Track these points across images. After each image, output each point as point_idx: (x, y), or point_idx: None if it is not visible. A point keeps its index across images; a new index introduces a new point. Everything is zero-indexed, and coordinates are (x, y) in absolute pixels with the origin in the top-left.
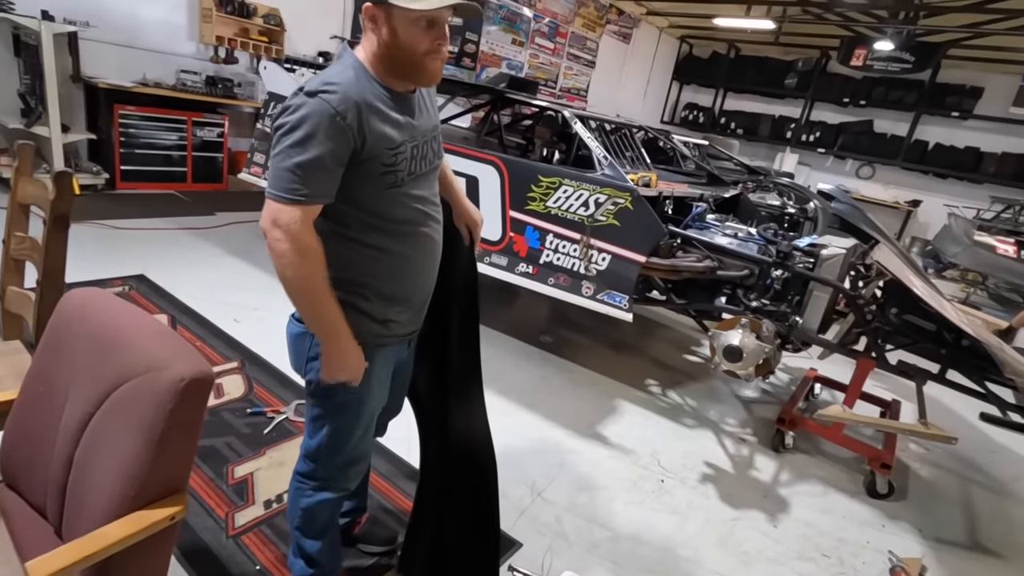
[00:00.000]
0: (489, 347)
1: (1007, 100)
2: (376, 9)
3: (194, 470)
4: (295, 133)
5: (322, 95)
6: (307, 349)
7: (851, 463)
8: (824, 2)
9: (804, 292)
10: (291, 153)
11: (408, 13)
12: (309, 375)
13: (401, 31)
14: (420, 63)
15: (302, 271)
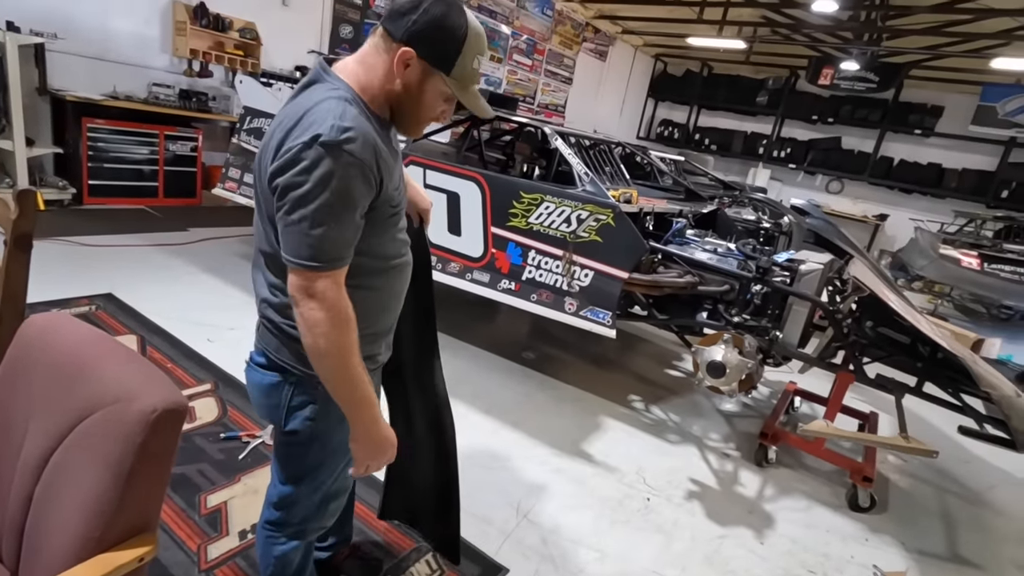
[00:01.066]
0: (471, 364)
1: (966, 119)
2: (418, 61)
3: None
4: (322, 195)
5: (345, 147)
6: (287, 399)
7: (833, 476)
8: (791, 23)
9: (783, 307)
10: (319, 218)
11: (449, 88)
12: (292, 425)
13: (428, 90)
14: (422, 121)
15: (340, 341)
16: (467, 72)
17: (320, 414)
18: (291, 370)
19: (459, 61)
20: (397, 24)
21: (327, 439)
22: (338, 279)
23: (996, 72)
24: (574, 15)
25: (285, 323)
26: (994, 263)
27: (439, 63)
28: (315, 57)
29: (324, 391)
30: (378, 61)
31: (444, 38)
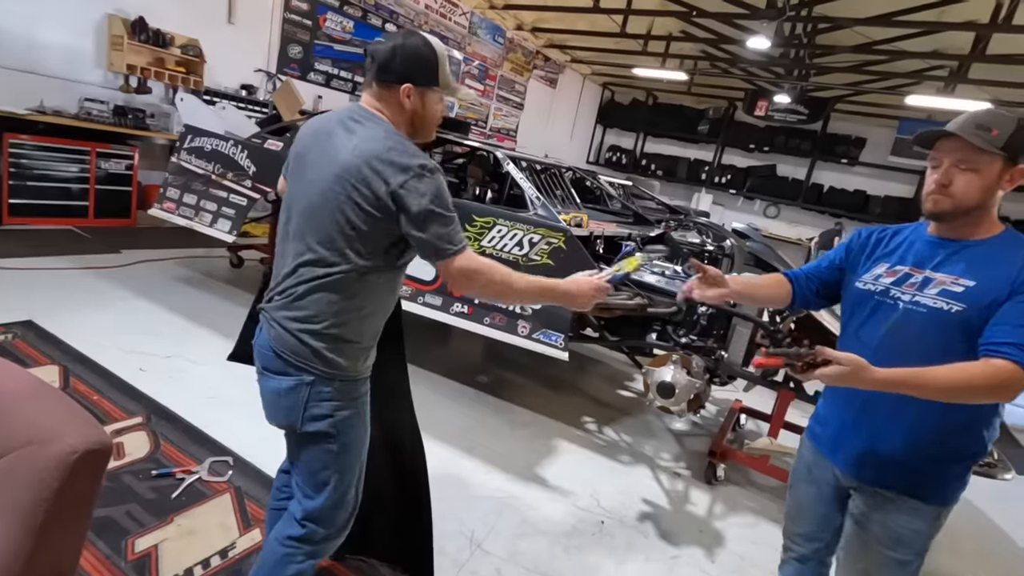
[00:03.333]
0: (424, 390)
1: (886, 149)
2: (415, 89)
3: (84, 548)
4: (445, 203)
5: (438, 170)
6: (305, 399)
7: (778, 491)
8: (729, 58)
9: (728, 327)
10: (449, 217)
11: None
12: (310, 424)
13: (430, 104)
14: (434, 126)
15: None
16: (448, 78)
17: (335, 410)
18: (308, 369)
19: (440, 74)
20: (388, 75)
21: (345, 435)
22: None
23: (910, 108)
24: (525, 43)
25: (310, 325)
26: None
27: (429, 83)
28: (263, 76)
29: (339, 386)
30: (390, 104)
31: (424, 65)
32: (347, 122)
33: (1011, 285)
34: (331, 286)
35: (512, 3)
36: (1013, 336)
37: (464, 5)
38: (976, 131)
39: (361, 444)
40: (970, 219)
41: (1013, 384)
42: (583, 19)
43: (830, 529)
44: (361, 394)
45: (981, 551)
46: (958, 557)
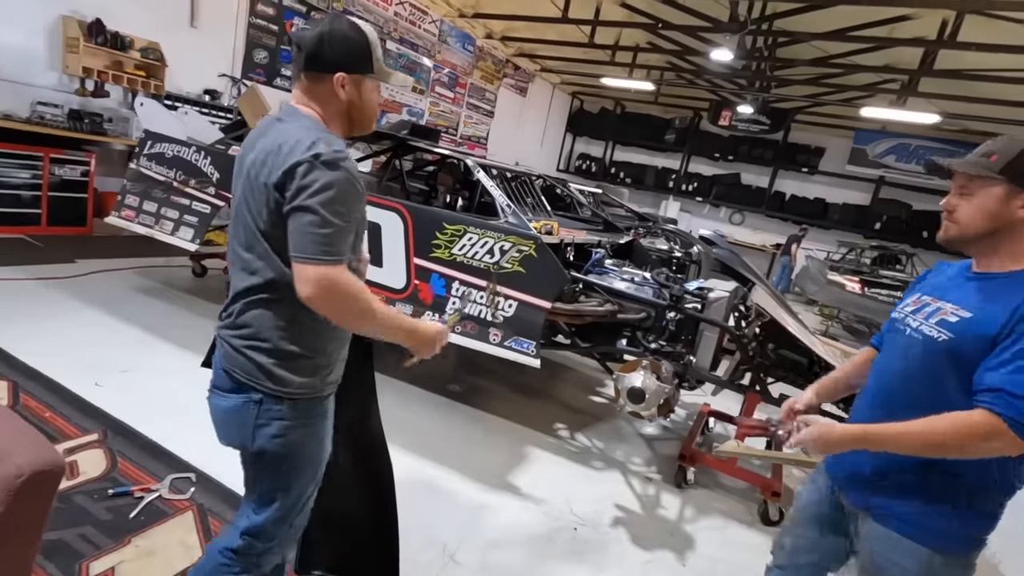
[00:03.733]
0: (395, 400)
1: (844, 159)
2: (349, 78)
3: (33, 573)
4: (331, 204)
5: (342, 165)
6: (254, 418)
7: (746, 493)
8: (694, 70)
9: (696, 333)
10: (329, 220)
11: (377, 81)
12: (259, 444)
13: (366, 93)
14: (373, 117)
15: (360, 309)
16: (382, 63)
17: (286, 430)
18: (257, 388)
19: (374, 60)
20: (318, 64)
21: (296, 455)
22: (342, 269)
23: (865, 119)
24: (495, 52)
25: (255, 343)
26: (873, 287)
27: (363, 70)
28: (227, 81)
29: (291, 405)
30: (322, 96)
31: (355, 51)
32: (274, 122)
33: (999, 326)
34: (265, 299)
35: (482, 12)
36: (993, 380)
37: (434, 13)
38: (976, 158)
39: (314, 464)
40: (985, 248)
41: (993, 437)
42: (552, 29)
43: (821, 549)
44: (317, 414)
45: None
46: None
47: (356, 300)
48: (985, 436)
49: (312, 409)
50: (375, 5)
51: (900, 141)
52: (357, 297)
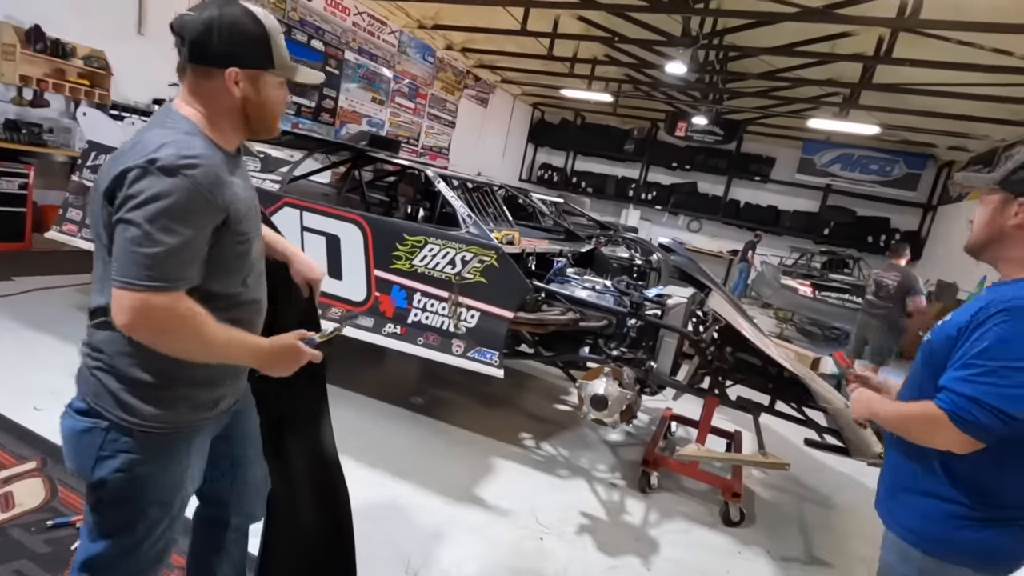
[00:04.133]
0: (357, 414)
1: (793, 168)
2: (244, 73)
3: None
4: (160, 218)
5: (184, 172)
6: (98, 446)
7: (707, 495)
8: (650, 82)
9: (656, 339)
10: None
11: (279, 78)
12: (100, 473)
13: (266, 90)
14: (276, 118)
15: (189, 344)
16: (284, 56)
17: (135, 463)
18: (106, 415)
19: (274, 52)
20: (204, 56)
21: (141, 493)
22: (172, 300)
23: (812, 130)
24: (455, 63)
25: (104, 366)
26: (823, 291)
27: (261, 64)
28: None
29: (139, 441)
30: (210, 93)
31: (251, 43)
32: (143, 126)
33: (958, 329)
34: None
35: (441, 23)
36: (944, 379)
37: (393, 24)
38: (986, 172)
39: (163, 504)
40: (991, 257)
41: (939, 428)
42: (511, 41)
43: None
44: (178, 452)
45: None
46: (864, 541)
47: (182, 331)
48: (934, 427)
49: (170, 446)
50: (333, 15)
51: (844, 151)
52: (184, 327)
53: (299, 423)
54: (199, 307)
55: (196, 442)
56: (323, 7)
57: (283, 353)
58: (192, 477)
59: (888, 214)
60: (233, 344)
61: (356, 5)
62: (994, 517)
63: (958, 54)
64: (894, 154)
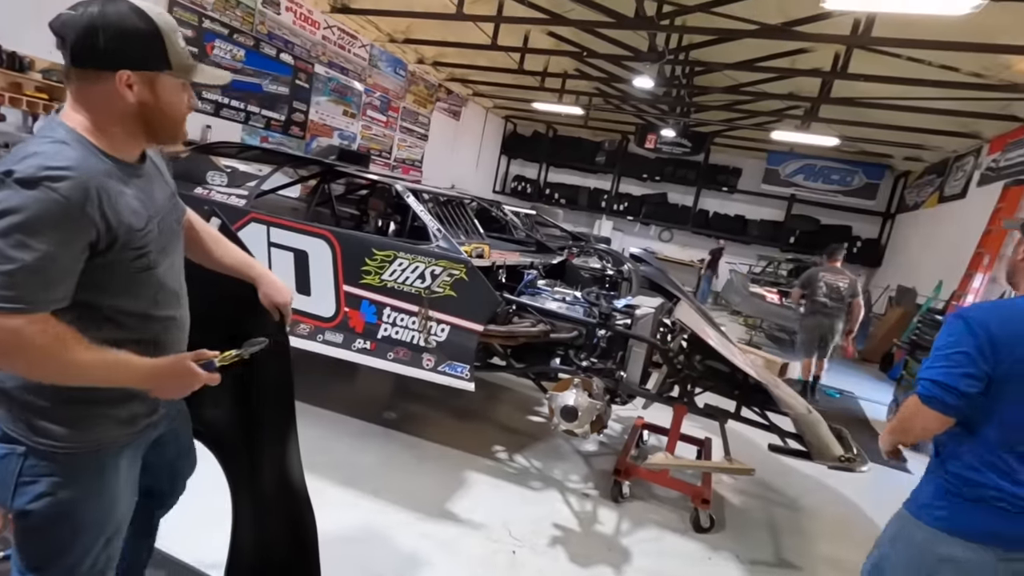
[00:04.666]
0: (327, 431)
1: (759, 178)
2: (137, 75)
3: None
4: (12, 233)
5: (46, 185)
6: (16, 472)
7: (678, 502)
8: (620, 95)
9: (625, 349)
10: (6, 256)
11: (176, 78)
12: (21, 502)
13: (164, 93)
14: (177, 123)
15: (47, 368)
16: (182, 56)
17: (59, 486)
18: (21, 440)
19: (170, 52)
20: (90, 59)
21: (73, 514)
22: (31, 323)
23: (776, 142)
24: (427, 76)
25: (11, 385)
26: (790, 298)
27: (157, 65)
28: None
29: (62, 463)
30: (99, 98)
31: (142, 42)
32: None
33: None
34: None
35: (412, 38)
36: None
37: (364, 38)
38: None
39: (102, 525)
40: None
41: (918, 411)
42: (482, 55)
43: None
44: (108, 471)
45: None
46: (829, 541)
47: (34, 354)
48: (916, 411)
49: (96, 465)
50: (302, 29)
51: (807, 162)
52: (36, 351)
53: (265, 444)
54: (63, 328)
55: (125, 458)
56: (292, 21)
57: (169, 375)
58: (125, 495)
59: (850, 222)
60: (111, 366)
61: (326, 19)
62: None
63: (908, 70)
64: (854, 164)
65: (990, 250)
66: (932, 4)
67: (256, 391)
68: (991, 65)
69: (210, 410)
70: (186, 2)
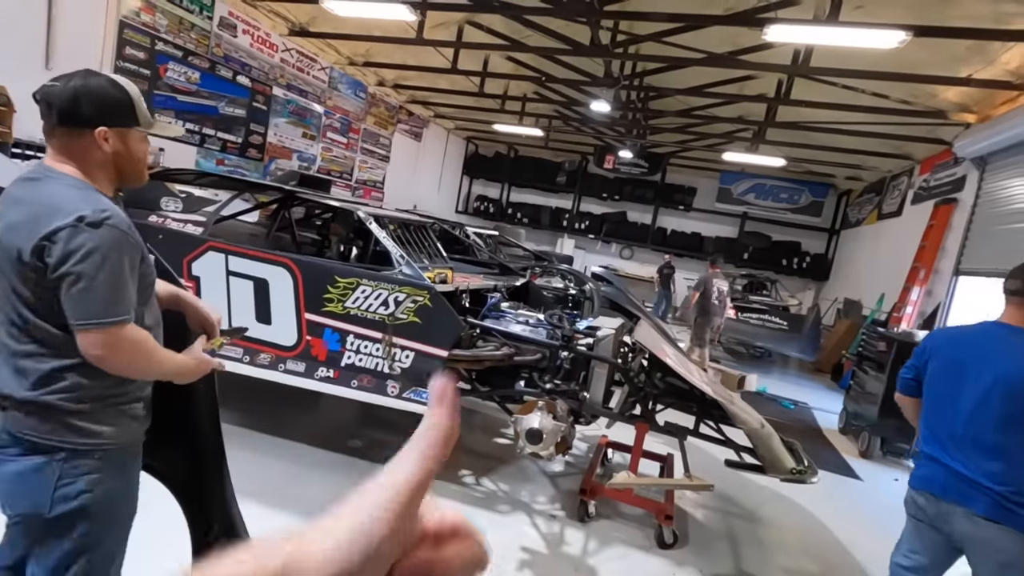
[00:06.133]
0: (290, 465)
1: (713, 197)
2: (113, 132)
3: None
4: (105, 265)
5: (108, 223)
6: (54, 479)
7: (643, 519)
8: (578, 118)
9: (588, 370)
10: (96, 282)
11: (141, 132)
12: (62, 507)
13: (133, 144)
14: (142, 167)
15: (150, 365)
16: (146, 114)
17: (96, 484)
18: (61, 446)
19: (138, 112)
20: (76, 119)
21: (109, 509)
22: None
23: (728, 162)
24: (388, 98)
25: (51, 398)
26: (745, 312)
27: (128, 123)
28: None
29: (100, 460)
30: (81, 151)
31: (117, 105)
32: (27, 183)
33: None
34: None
35: (372, 61)
36: None
37: (323, 60)
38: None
39: (124, 527)
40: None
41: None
42: (443, 78)
43: None
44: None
45: (805, 544)
46: (788, 553)
47: (148, 354)
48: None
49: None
50: (259, 52)
51: (757, 181)
52: (149, 352)
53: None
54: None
55: (137, 458)
56: (249, 44)
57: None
58: (137, 495)
59: (799, 238)
60: (171, 361)
61: (284, 42)
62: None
63: (845, 96)
64: (800, 183)
65: (925, 264)
66: (862, 38)
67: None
68: (918, 93)
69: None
70: (138, 24)
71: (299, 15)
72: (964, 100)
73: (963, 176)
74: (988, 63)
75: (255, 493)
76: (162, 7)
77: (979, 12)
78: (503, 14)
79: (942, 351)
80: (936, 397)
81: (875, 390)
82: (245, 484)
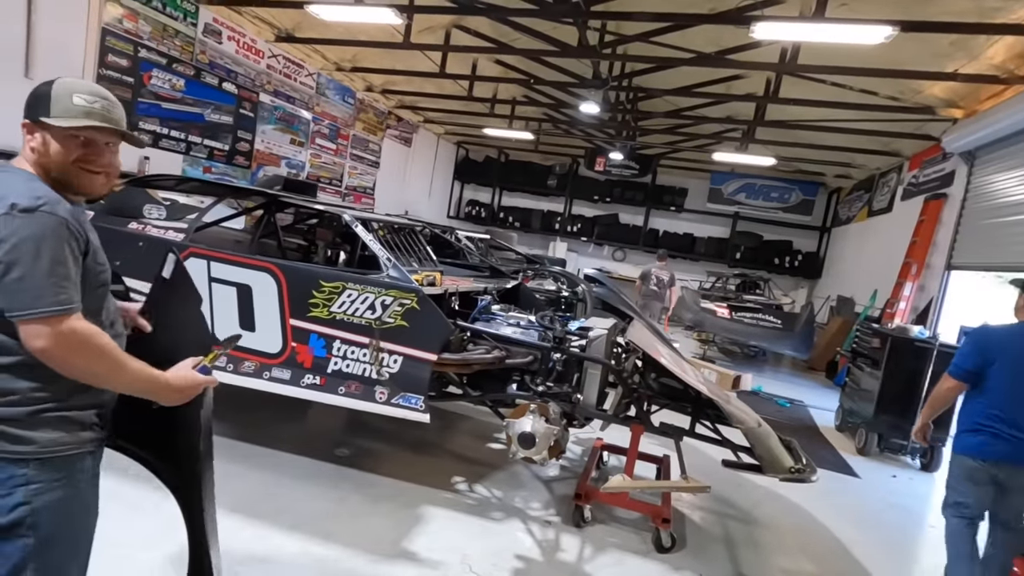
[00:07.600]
0: (275, 474)
1: (704, 197)
2: (32, 124)
3: None
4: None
5: (42, 209)
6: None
7: (640, 523)
8: (568, 120)
9: (581, 371)
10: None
11: (61, 127)
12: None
13: (51, 140)
14: (72, 169)
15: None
16: (66, 106)
17: (37, 493)
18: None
19: (52, 102)
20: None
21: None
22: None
23: (718, 163)
24: (376, 104)
25: None
26: (739, 312)
27: (39, 113)
28: None
29: (36, 469)
30: (24, 148)
31: (37, 97)
32: None
33: None
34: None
35: (360, 66)
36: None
37: (310, 66)
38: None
39: (75, 539)
40: None
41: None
42: (431, 83)
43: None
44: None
45: (803, 544)
46: (786, 553)
47: (101, 352)
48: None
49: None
50: (245, 58)
51: (747, 181)
52: (102, 349)
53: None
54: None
55: (88, 468)
56: (235, 50)
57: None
58: (94, 508)
59: (790, 237)
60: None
61: (270, 48)
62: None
63: (833, 94)
64: (790, 182)
65: (917, 259)
66: (849, 34)
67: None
68: (905, 89)
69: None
70: (121, 31)
71: (284, 21)
72: (950, 95)
73: (952, 171)
74: (973, 58)
75: (237, 506)
76: (145, 14)
77: (963, 7)
78: (489, 16)
79: (1009, 349)
80: (1010, 387)
81: (871, 386)
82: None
